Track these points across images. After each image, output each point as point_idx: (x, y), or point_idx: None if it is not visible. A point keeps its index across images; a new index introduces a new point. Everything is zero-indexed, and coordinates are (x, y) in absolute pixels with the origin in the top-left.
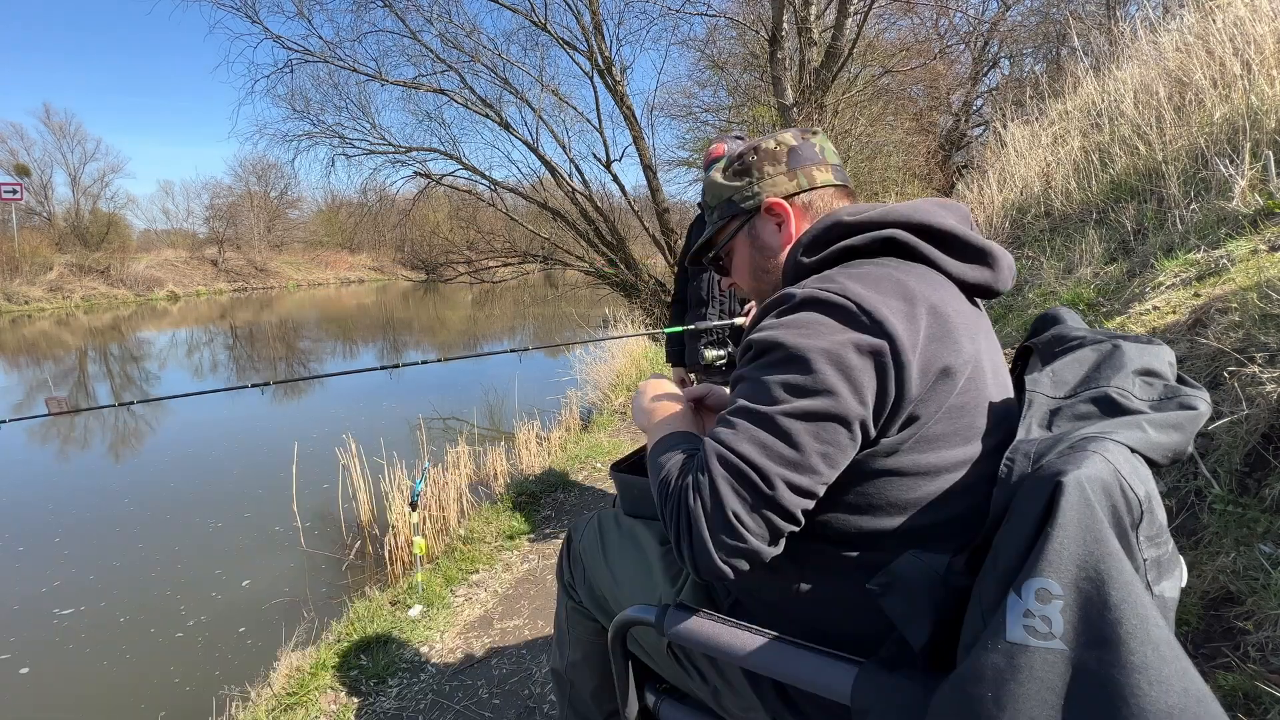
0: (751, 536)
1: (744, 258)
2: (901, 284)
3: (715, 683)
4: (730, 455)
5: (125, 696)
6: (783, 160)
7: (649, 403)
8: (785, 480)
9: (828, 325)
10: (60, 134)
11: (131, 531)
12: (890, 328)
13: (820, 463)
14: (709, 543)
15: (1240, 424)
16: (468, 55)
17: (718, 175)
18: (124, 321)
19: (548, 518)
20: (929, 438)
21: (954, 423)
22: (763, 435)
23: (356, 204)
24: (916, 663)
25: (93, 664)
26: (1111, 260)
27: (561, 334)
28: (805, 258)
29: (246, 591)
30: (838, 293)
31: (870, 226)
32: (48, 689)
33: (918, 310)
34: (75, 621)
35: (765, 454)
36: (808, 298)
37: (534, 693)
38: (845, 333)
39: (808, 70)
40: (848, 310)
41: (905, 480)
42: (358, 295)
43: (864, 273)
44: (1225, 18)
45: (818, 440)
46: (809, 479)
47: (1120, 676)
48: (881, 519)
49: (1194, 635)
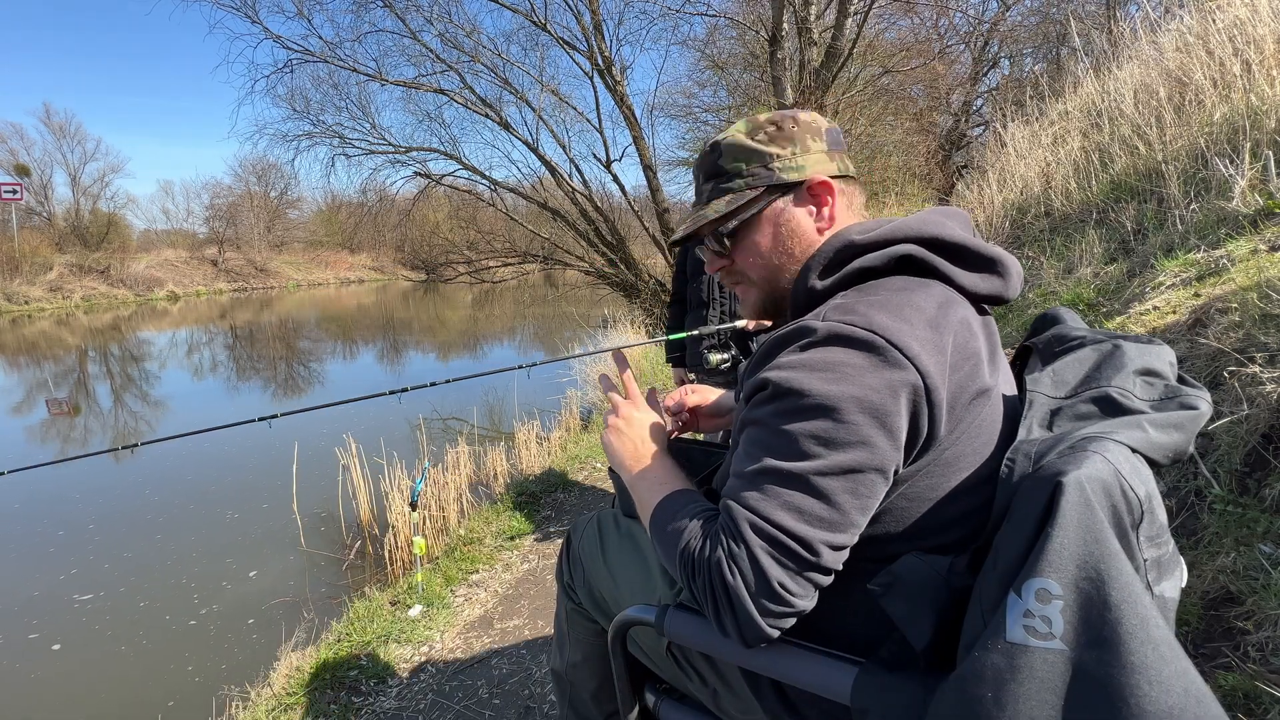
0: (797, 600)
1: (765, 238)
2: (924, 310)
3: (714, 683)
4: (766, 525)
5: (141, 680)
6: (823, 137)
7: (626, 446)
8: (827, 543)
9: (856, 366)
10: (60, 134)
11: (154, 521)
12: (922, 364)
13: (859, 517)
14: (754, 614)
15: (1240, 424)
16: (468, 55)
17: (744, 137)
18: (124, 321)
19: (548, 518)
20: (948, 461)
21: (973, 442)
22: (798, 499)
23: (356, 204)
24: (917, 663)
25: (112, 647)
26: (1111, 260)
27: (561, 334)
28: (819, 281)
29: (254, 583)
30: (864, 327)
31: (882, 244)
32: (79, 665)
33: (945, 339)
34: (96, 606)
35: (803, 520)
36: (832, 334)
37: (534, 693)
38: (876, 373)
39: (808, 70)
40: (877, 346)
41: (920, 505)
42: (358, 295)
43: (885, 300)
44: (1225, 18)
45: (855, 496)
46: (849, 535)
47: (1120, 677)
48: (887, 526)
49: (1194, 635)
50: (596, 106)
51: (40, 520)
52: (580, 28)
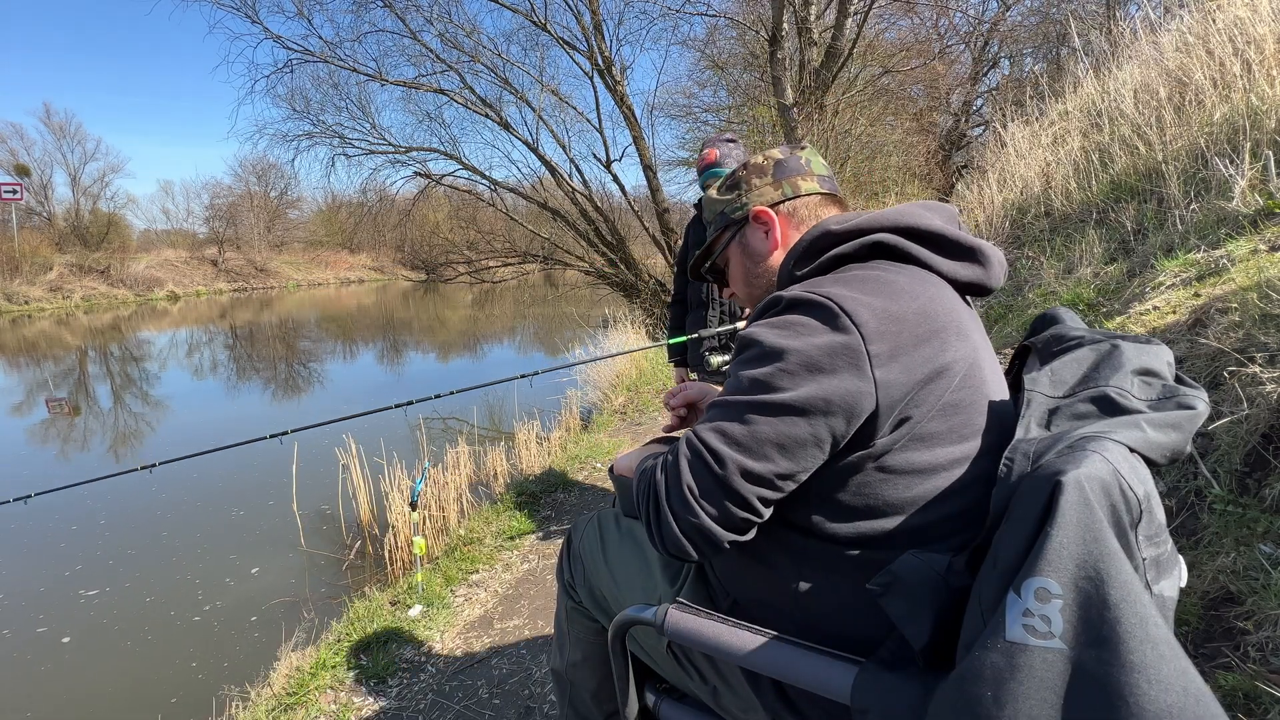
0: (704, 515)
1: (738, 265)
2: (889, 284)
3: (715, 682)
4: (695, 439)
5: (146, 675)
6: (769, 172)
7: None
8: (737, 464)
9: (805, 325)
10: (60, 134)
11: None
12: (867, 328)
13: (774, 451)
14: (669, 514)
15: (1240, 424)
16: (468, 55)
17: (713, 193)
18: (124, 321)
19: (548, 518)
20: (922, 436)
21: (948, 420)
22: (724, 423)
23: (356, 204)
24: (916, 662)
25: (119, 641)
26: (1111, 260)
27: (562, 334)
28: (798, 269)
29: (256, 580)
30: (820, 294)
31: (858, 233)
32: (86, 659)
33: (903, 310)
34: (103, 601)
35: (723, 439)
36: (792, 299)
37: (534, 693)
38: (821, 332)
39: (808, 70)
40: (827, 310)
41: (900, 479)
42: (358, 295)
43: (851, 276)
44: (1225, 18)
45: (773, 430)
46: (761, 464)
47: (1119, 676)
48: (879, 519)
49: (1194, 635)
50: (596, 106)
51: (53, 516)
52: (580, 28)
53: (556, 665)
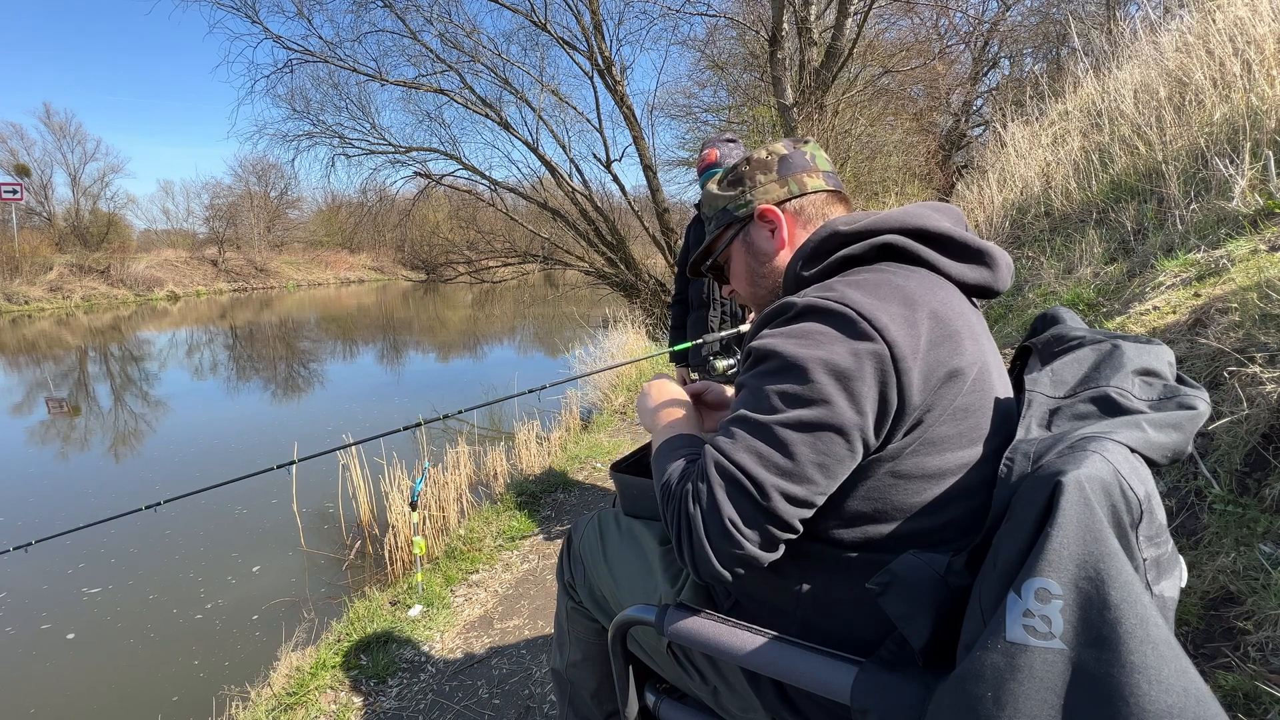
0: (748, 544)
1: (741, 264)
2: (901, 289)
3: (715, 682)
4: (727, 464)
5: (148, 674)
6: (774, 168)
7: (654, 404)
8: (780, 490)
9: (826, 334)
10: (60, 134)
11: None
12: (890, 334)
13: (816, 472)
14: (708, 548)
15: (1240, 424)
16: (468, 55)
17: (714, 186)
18: (124, 321)
19: (548, 518)
20: (933, 440)
21: (959, 424)
22: (759, 445)
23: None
24: (916, 662)
25: (121, 639)
26: (1111, 260)
27: (562, 334)
28: (805, 270)
29: (257, 579)
30: (837, 300)
31: (866, 234)
32: (92, 656)
33: (918, 315)
34: (105, 598)
35: (761, 463)
36: (807, 306)
37: (534, 693)
38: (844, 341)
39: (808, 70)
40: (846, 318)
41: (910, 484)
42: (358, 295)
43: (863, 280)
44: (1225, 18)
45: (813, 450)
46: (804, 489)
47: (1120, 676)
48: (886, 523)
49: (1194, 635)
50: (596, 106)
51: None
52: (580, 28)
53: (556, 665)
